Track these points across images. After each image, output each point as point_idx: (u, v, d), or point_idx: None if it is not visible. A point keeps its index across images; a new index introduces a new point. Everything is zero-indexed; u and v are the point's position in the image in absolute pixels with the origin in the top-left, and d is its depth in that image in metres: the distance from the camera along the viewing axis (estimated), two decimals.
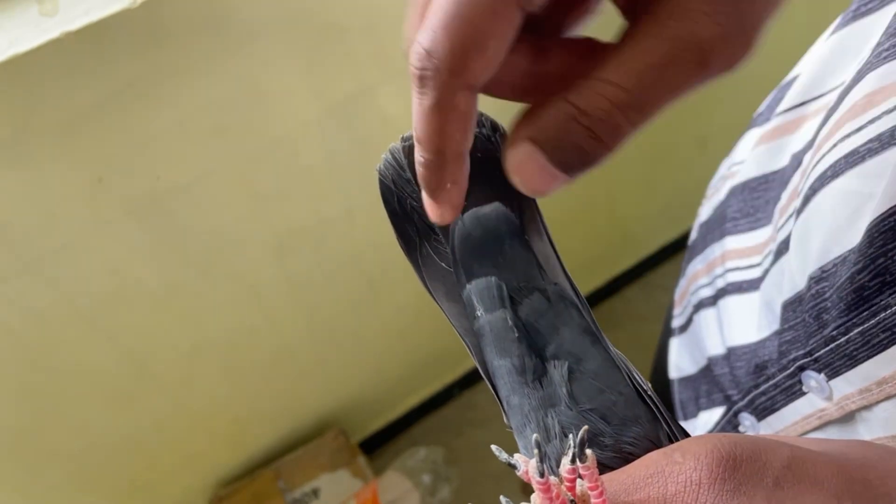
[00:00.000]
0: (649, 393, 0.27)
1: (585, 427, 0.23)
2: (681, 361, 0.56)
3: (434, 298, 0.29)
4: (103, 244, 0.78)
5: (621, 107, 0.20)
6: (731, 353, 0.47)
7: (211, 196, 0.82)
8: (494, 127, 0.28)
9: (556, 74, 0.23)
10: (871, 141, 0.32)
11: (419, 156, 0.23)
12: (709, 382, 0.51)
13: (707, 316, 0.52)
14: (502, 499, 0.25)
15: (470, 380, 1.51)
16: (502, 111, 0.27)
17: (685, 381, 0.55)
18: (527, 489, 0.23)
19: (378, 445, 1.47)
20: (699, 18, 0.19)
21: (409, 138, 0.28)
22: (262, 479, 1.22)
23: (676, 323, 0.58)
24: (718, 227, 0.51)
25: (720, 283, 0.50)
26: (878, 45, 0.33)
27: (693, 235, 0.58)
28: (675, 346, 0.58)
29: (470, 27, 0.20)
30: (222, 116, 0.76)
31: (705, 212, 0.56)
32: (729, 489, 0.21)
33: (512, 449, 0.27)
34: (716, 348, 0.50)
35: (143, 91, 0.69)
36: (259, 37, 0.72)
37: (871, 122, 0.32)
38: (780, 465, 0.22)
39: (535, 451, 0.23)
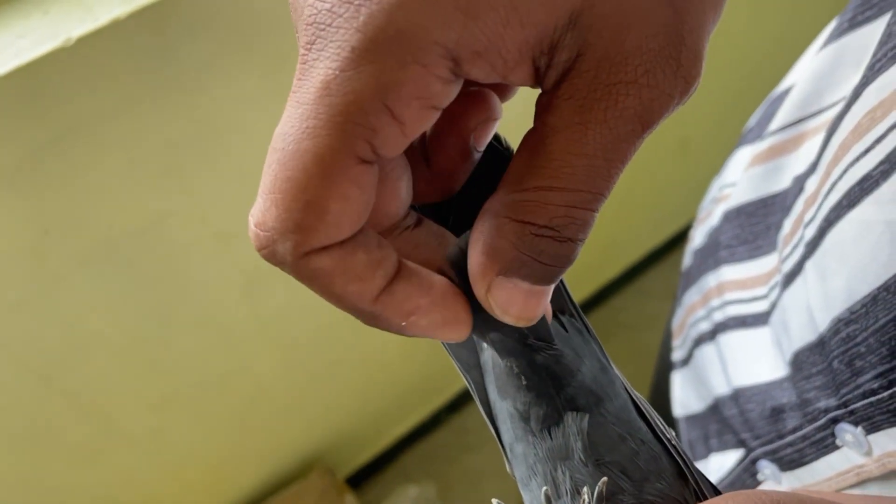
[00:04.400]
0: (673, 443, 0.24)
1: (604, 479, 0.21)
2: (685, 398, 0.52)
3: None
4: (55, 300, 0.72)
5: (580, 204, 0.18)
6: (740, 395, 0.43)
7: (170, 239, 0.77)
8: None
9: (447, 171, 0.21)
10: (882, 163, 0.29)
11: None
12: (718, 422, 0.47)
13: (707, 352, 0.48)
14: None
15: (459, 403, 1.46)
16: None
17: (692, 419, 0.51)
18: None
19: (367, 478, 1.42)
20: (624, 91, 0.17)
21: None
22: None
23: (677, 356, 0.54)
24: (713, 255, 0.48)
25: (718, 317, 0.46)
26: (873, 55, 0.31)
27: (687, 262, 0.54)
28: (678, 381, 0.54)
29: (301, 195, 0.17)
30: (175, 155, 0.71)
31: (698, 237, 0.52)
32: None
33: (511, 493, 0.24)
34: (721, 387, 0.46)
35: (85, 134, 0.64)
36: (210, 68, 0.67)
37: (878, 141, 0.29)
38: None
39: None
